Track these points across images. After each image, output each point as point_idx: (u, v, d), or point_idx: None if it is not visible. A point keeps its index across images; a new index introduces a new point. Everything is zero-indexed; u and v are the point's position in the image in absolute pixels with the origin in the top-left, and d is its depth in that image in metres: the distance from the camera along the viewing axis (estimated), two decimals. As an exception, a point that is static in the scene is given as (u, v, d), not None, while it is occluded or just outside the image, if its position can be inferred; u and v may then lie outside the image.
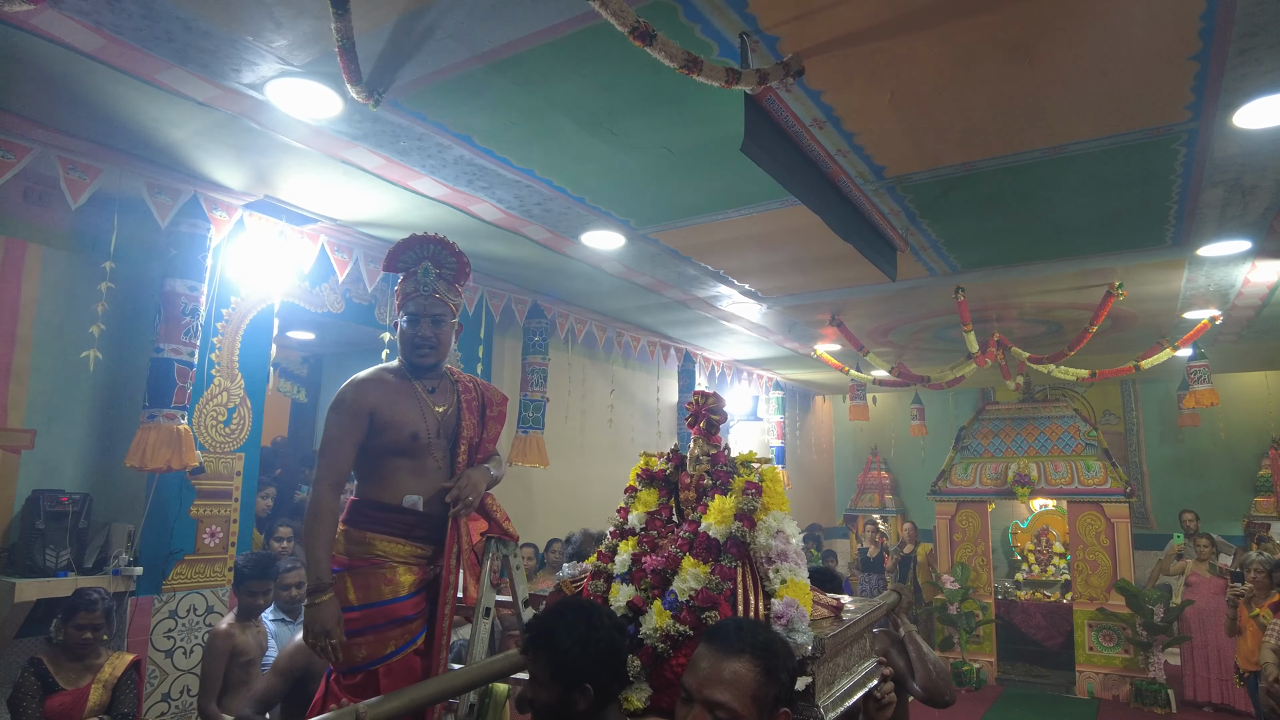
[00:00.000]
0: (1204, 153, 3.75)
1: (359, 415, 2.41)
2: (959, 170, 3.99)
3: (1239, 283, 5.91)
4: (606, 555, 2.29)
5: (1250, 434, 10.31)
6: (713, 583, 2.01)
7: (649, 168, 3.94)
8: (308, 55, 2.95)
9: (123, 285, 4.12)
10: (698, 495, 2.27)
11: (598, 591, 2.18)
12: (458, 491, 2.45)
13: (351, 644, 2.32)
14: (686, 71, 2.35)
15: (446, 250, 2.65)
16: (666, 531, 2.27)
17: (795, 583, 2.03)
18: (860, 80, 3.14)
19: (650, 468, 2.46)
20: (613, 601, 2.10)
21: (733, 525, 2.11)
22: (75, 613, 3.29)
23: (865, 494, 12.31)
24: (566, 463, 7.28)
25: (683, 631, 1.94)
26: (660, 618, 1.98)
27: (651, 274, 5.82)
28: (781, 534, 2.12)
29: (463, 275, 2.71)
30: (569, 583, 2.33)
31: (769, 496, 2.19)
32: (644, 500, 2.37)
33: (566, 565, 2.54)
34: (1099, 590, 8.28)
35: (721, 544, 2.09)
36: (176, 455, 3.84)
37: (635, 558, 2.19)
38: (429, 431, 2.53)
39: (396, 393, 2.53)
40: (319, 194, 4.29)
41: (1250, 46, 2.85)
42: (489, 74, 3.08)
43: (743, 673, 1.57)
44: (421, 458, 2.53)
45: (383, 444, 2.49)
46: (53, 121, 3.46)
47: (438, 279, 2.61)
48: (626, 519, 2.35)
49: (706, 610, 1.96)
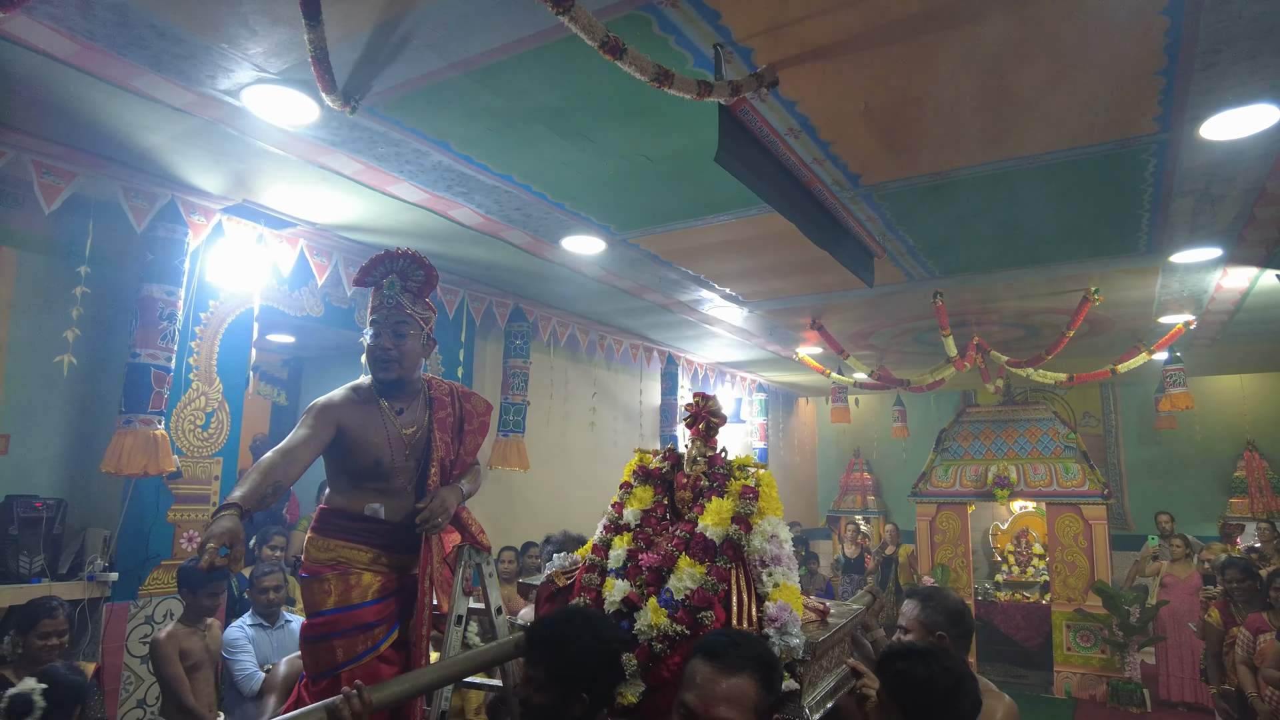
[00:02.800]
0: (1173, 163, 3.81)
1: (327, 424, 2.41)
2: (934, 179, 4.03)
3: (1211, 289, 5.99)
4: (601, 549, 2.32)
5: (1226, 436, 10.45)
6: (709, 583, 2.06)
7: (627, 174, 3.96)
8: (284, 62, 2.95)
9: (98, 290, 4.10)
10: (694, 495, 2.32)
11: (591, 585, 2.21)
12: (428, 513, 2.42)
13: (320, 648, 2.34)
14: (658, 84, 2.37)
15: (415, 263, 2.64)
16: (661, 529, 2.31)
17: (787, 586, 2.10)
18: (834, 91, 3.17)
19: (646, 465, 2.49)
20: (607, 596, 2.14)
21: (729, 528, 2.15)
22: (37, 621, 3.24)
23: (848, 495, 12.38)
24: (548, 466, 7.28)
25: (679, 631, 1.98)
26: (656, 615, 2.02)
27: (633, 278, 5.84)
28: (775, 538, 2.18)
29: (430, 287, 2.69)
30: (560, 574, 2.36)
31: (764, 501, 2.25)
32: (639, 497, 2.41)
33: (556, 557, 2.56)
34: (1077, 591, 8.37)
35: (718, 545, 2.14)
36: (153, 461, 3.83)
37: (631, 554, 2.22)
38: (393, 458, 2.51)
39: (363, 415, 2.50)
40: (298, 199, 4.29)
41: (1215, 62, 2.91)
42: (465, 82, 3.09)
43: (745, 688, 1.63)
44: (388, 479, 2.52)
45: (347, 464, 2.49)
46: (26, 125, 3.44)
47: (402, 291, 2.60)
48: (621, 514, 2.38)
49: (702, 610, 2.00)
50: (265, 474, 2.18)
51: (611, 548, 2.31)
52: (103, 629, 3.95)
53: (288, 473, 2.27)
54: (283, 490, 2.30)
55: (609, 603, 2.13)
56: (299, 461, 2.33)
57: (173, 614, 4.17)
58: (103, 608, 3.97)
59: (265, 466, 2.20)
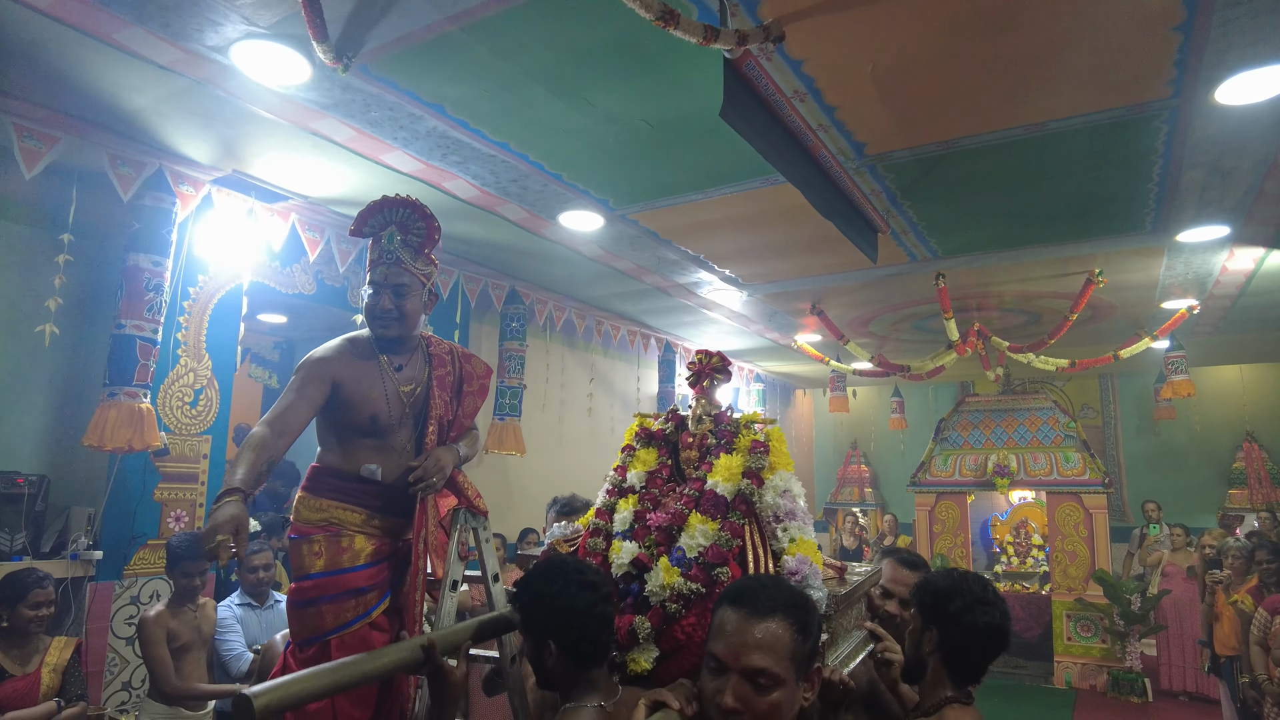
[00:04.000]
0: (1185, 132, 3.73)
1: (321, 380, 2.31)
2: (940, 149, 3.95)
3: (1217, 270, 5.93)
4: (604, 513, 2.24)
5: (1225, 427, 10.42)
6: (723, 539, 1.99)
7: (627, 142, 3.86)
8: (274, 15, 2.85)
9: (82, 260, 3.99)
10: (701, 454, 2.25)
11: (596, 549, 2.14)
12: (422, 471, 2.32)
13: (307, 613, 2.24)
14: (663, 24, 2.28)
15: (415, 214, 2.49)
16: (667, 490, 2.23)
17: (804, 541, 2.04)
18: (841, 51, 3.08)
19: (648, 427, 2.42)
20: (614, 559, 2.06)
21: (741, 483, 2.09)
22: (27, 592, 3.15)
23: (845, 487, 12.33)
24: (545, 452, 7.19)
25: (694, 589, 1.90)
26: (669, 575, 1.95)
27: (631, 258, 5.74)
28: (788, 493, 2.12)
29: (431, 242, 2.56)
30: (562, 541, 2.28)
31: (775, 456, 2.18)
32: (642, 459, 2.34)
33: (557, 525, 2.48)
34: (1077, 581, 8.31)
35: (729, 501, 2.07)
36: (138, 435, 3.72)
37: (638, 515, 2.15)
38: (390, 413, 2.41)
39: (360, 370, 2.40)
40: (289, 169, 4.18)
41: (1235, 16, 2.82)
42: (461, 38, 2.99)
43: (778, 633, 1.48)
44: (384, 437, 2.42)
45: (342, 420, 2.39)
46: (5, 86, 3.32)
47: (402, 245, 2.46)
48: (625, 477, 2.30)
49: (718, 566, 1.93)
50: (258, 451, 2.10)
51: (616, 511, 2.22)
52: (86, 609, 3.84)
53: (278, 445, 2.19)
54: (275, 465, 2.22)
55: (616, 565, 2.04)
56: (290, 432, 2.24)
57: (159, 594, 4.06)
58: (86, 587, 3.86)
59: (256, 443, 2.12)
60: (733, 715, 1.45)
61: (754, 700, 1.45)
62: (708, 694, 1.51)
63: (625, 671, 1.91)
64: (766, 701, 1.45)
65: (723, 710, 1.46)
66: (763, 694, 1.45)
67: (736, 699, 1.45)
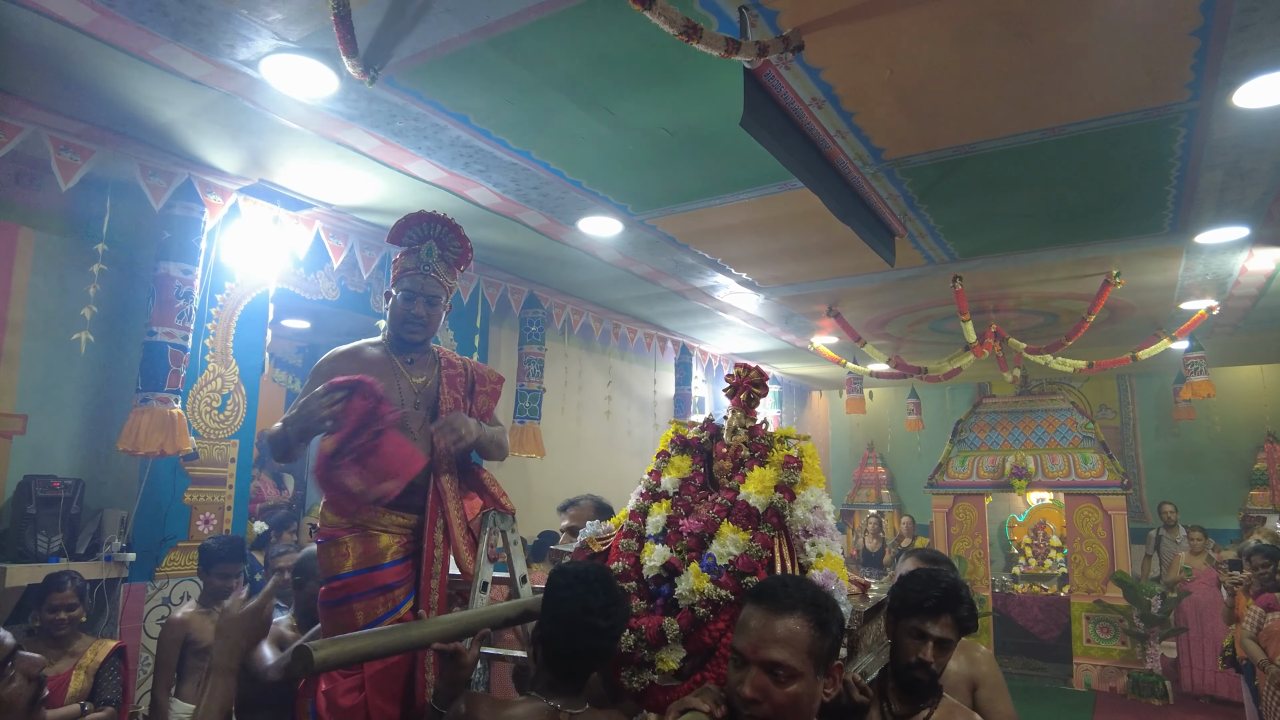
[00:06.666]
0: (1203, 134, 3.74)
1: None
2: (957, 153, 3.97)
3: (1236, 271, 5.91)
4: (638, 515, 2.29)
5: (1245, 428, 10.33)
6: (753, 549, 2.03)
7: (647, 149, 3.92)
8: (303, 30, 2.93)
9: (115, 268, 4.09)
10: (734, 465, 2.29)
11: (629, 550, 2.19)
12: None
13: (339, 611, 2.32)
14: (686, 38, 2.33)
15: (453, 233, 2.67)
16: (700, 498, 2.28)
17: (831, 556, 2.07)
18: (859, 58, 3.12)
19: (684, 435, 2.47)
20: (646, 561, 2.12)
21: (772, 496, 2.13)
22: (47, 594, 3.24)
23: (862, 489, 12.31)
24: (564, 455, 7.25)
25: (724, 596, 1.95)
26: (699, 580, 2.00)
27: (649, 262, 5.79)
28: (819, 509, 2.15)
29: (465, 260, 2.74)
30: (595, 539, 2.33)
31: (807, 472, 2.23)
32: (677, 465, 2.38)
33: (590, 524, 2.53)
34: (1096, 582, 8.28)
35: (761, 513, 2.12)
36: (170, 439, 3.80)
37: (671, 520, 2.20)
38: (403, 403, 2.52)
39: (374, 366, 2.53)
40: (314, 178, 4.26)
41: (1251, 22, 2.84)
42: (486, 50, 3.05)
43: (797, 629, 1.57)
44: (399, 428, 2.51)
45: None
46: (44, 100, 3.41)
47: (439, 260, 2.63)
48: (659, 482, 2.36)
49: (747, 575, 1.98)
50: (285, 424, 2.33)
51: (649, 514, 2.27)
52: (120, 609, 3.93)
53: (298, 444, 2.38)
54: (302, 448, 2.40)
55: (649, 567, 2.10)
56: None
57: (189, 595, 4.15)
58: (120, 588, 3.95)
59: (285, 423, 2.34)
60: (752, 704, 1.55)
61: (773, 691, 1.54)
62: (730, 684, 1.61)
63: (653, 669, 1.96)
64: (785, 693, 1.54)
65: (743, 699, 1.55)
66: (781, 686, 1.54)
67: (755, 689, 1.55)
